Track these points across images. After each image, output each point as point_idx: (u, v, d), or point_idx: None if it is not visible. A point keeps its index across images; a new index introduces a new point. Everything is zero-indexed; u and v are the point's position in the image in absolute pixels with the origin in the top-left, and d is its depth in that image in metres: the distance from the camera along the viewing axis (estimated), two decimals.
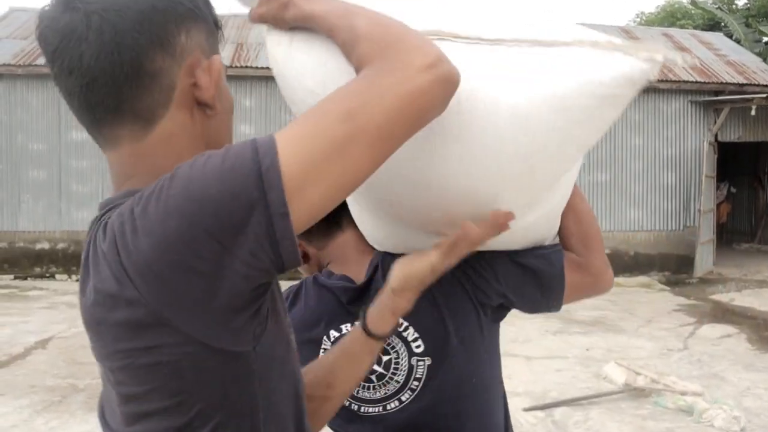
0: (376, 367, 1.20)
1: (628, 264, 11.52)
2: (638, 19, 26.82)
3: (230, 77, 11.28)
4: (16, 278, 10.63)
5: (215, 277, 0.66)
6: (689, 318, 8.36)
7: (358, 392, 1.22)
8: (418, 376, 1.21)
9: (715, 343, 7.07)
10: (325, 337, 1.22)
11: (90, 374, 5.55)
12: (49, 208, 10.88)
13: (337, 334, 1.21)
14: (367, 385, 1.22)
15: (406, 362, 1.21)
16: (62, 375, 5.70)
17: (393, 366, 1.21)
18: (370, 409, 1.23)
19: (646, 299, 9.76)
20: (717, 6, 20.89)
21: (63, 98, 0.78)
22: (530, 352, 6.59)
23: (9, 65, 11.03)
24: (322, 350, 1.21)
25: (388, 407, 1.22)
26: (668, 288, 10.75)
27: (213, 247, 0.65)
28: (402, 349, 1.21)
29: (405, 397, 1.21)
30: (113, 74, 0.73)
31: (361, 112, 0.68)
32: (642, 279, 11.34)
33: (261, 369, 0.74)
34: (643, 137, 11.76)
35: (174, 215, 0.65)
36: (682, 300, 9.68)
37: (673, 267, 11.56)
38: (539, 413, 4.90)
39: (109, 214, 0.74)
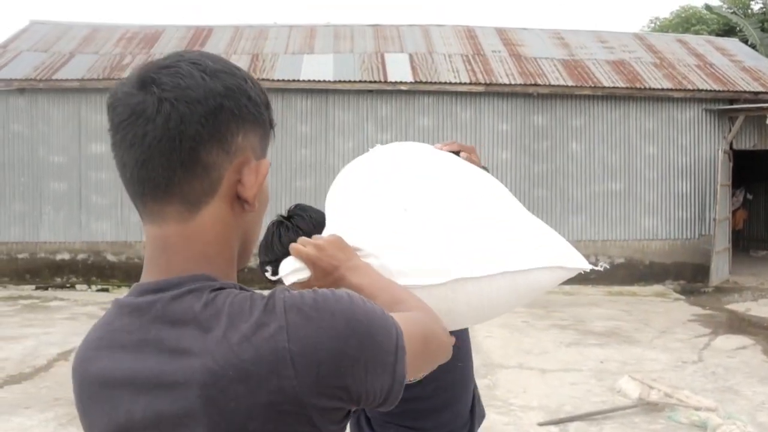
0: None
1: (643, 273, 11.50)
2: (652, 25, 26.68)
3: None
4: (37, 288, 10.83)
5: (355, 387, 0.81)
6: (704, 329, 8.34)
7: None
8: None
9: (731, 354, 7.06)
10: None
11: None
12: (70, 219, 11.08)
13: None
14: None
15: None
16: None
17: None
18: None
19: (661, 309, 9.74)
20: (732, 11, 20.79)
21: (116, 166, 0.84)
22: (545, 365, 6.62)
23: (30, 80, 11.25)
24: None
25: None
26: (683, 297, 10.72)
27: (361, 373, 0.81)
28: None
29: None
30: (170, 158, 0.79)
31: (430, 338, 0.96)
32: (657, 288, 11.32)
33: None
34: (658, 146, 11.75)
35: (354, 336, 0.80)
36: (698, 309, 9.66)
37: (688, 276, 11.53)
38: (553, 428, 4.94)
39: (199, 295, 0.80)
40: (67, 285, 10.95)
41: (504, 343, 7.48)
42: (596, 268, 1.35)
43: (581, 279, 11.35)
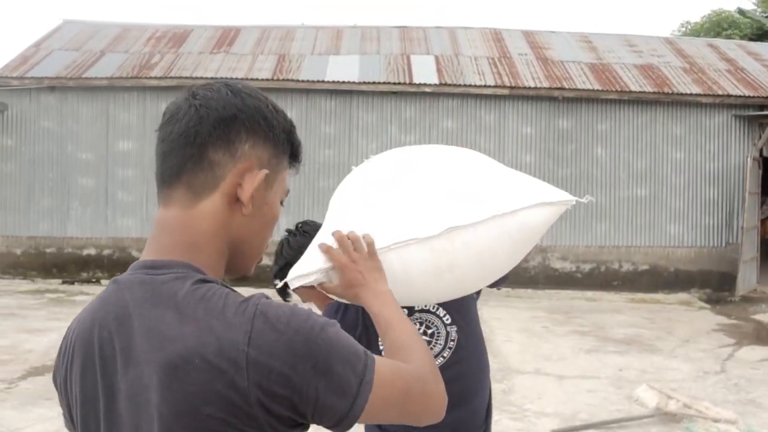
0: (440, 339, 1.83)
1: (667, 280, 11.33)
2: (683, 29, 26.25)
3: (271, 90, 11.51)
4: (64, 282, 11.04)
5: (301, 403, 0.87)
6: (729, 339, 8.19)
7: None
8: (452, 338, 1.84)
9: (755, 366, 6.91)
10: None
11: None
12: (96, 215, 11.28)
13: None
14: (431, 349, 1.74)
15: (444, 330, 1.84)
16: None
17: (436, 335, 1.83)
18: None
19: (685, 318, 9.58)
20: (765, 15, 20.35)
21: (156, 157, 0.99)
22: (562, 371, 6.55)
23: (61, 78, 11.48)
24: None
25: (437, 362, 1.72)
26: (709, 306, 10.53)
27: (309, 392, 0.86)
28: (438, 322, 1.84)
29: (446, 353, 1.82)
30: (184, 151, 0.94)
31: (414, 394, 0.99)
32: (682, 296, 11.13)
33: None
34: (685, 151, 11.56)
35: (309, 358, 0.86)
36: (723, 319, 9.48)
37: (714, 284, 11.32)
38: None
39: (182, 283, 0.89)
40: (93, 280, 11.14)
41: (522, 348, 7.43)
42: (581, 200, 1.41)
43: (604, 285, 11.23)
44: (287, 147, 1.02)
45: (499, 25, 15.83)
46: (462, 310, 1.87)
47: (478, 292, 1.82)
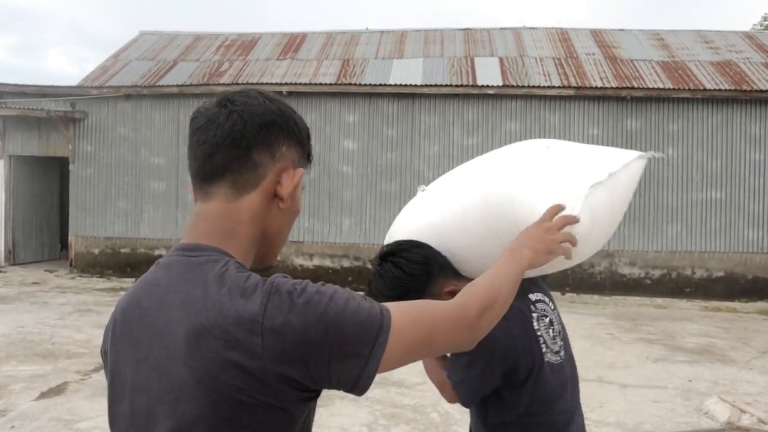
0: (556, 325, 1.80)
1: (744, 288, 10.77)
2: (766, 23, 24.98)
3: (335, 94, 11.67)
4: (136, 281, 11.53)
5: (316, 368, 0.94)
6: None
7: (550, 345, 1.75)
8: (562, 337, 1.84)
9: None
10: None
11: None
12: (167, 217, 11.72)
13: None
14: (554, 337, 1.77)
15: (560, 325, 1.84)
16: None
17: (559, 325, 1.83)
18: (554, 359, 1.74)
19: (764, 327, 9.06)
20: None
21: (188, 160, 1.07)
22: (627, 380, 6.32)
23: (136, 86, 12.00)
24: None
25: (561, 357, 1.77)
26: None
27: (323, 357, 0.93)
28: (556, 316, 1.84)
29: (563, 352, 1.80)
30: (230, 153, 1.04)
31: (434, 333, 1.05)
32: (761, 305, 10.55)
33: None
34: (764, 152, 10.97)
35: (320, 325, 0.93)
36: None
37: None
38: None
39: (213, 265, 0.99)
40: None
41: (585, 355, 7.21)
42: (655, 155, 1.73)
43: (675, 292, 10.78)
44: (308, 148, 1.13)
45: (567, 25, 15.50)
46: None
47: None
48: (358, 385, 0.96)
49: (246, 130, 1.03)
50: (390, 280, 1.70)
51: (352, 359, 0.94)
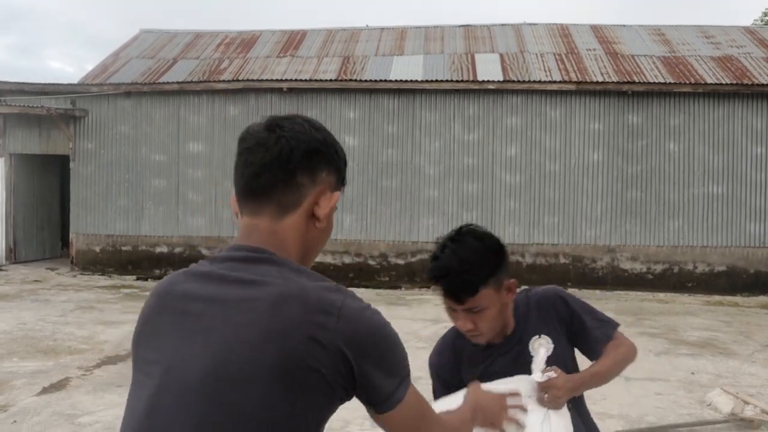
0: None
1: (746, 282, 10.76)
2: (767, 18, 24.93)
3: (335, 90, 11.66)
4: (138, 279, 11.52)
5: (366, 367, 1.08)
6: None
7: None
8: None
9: None
10: None
11: None
12: (168, 214, 11.71)
13: None
14: None
15: None
16: None
17: None
18: None
19: (766, 322, 9.04)
20: None
21: (234, 177, 1.17)
22: (629, 373, 6.28)
23: (136, 84, 11.99)
24: None
25: None
26: None
27: (375, 362, 1.08)
28: None
29: None
30: (276, 175, 1.14)
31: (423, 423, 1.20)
32: (763, 299, 10.54)
33: None
34: (766, 146, 10.96)
35: (382, 335, 1.10)
36: None
37: None
38: None
39: (284, 262, 1.11)
40: (165, 276, 11.57)
41: None
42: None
43: (677, 287, 10.77)
44: (344, 174, 1.25)
45: (567, 21, 15.47)
46: None
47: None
48: (388, 401, 1.11)
49: (293, 155, 1.14)
50: (468, 250, 1.72)
51: (390, 378, 1.10)
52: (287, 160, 1.14)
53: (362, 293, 1.54)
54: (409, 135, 11.53)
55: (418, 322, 8.44)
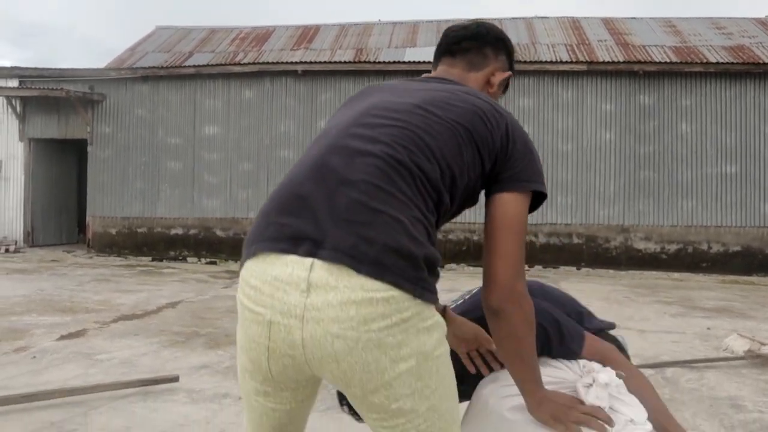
0: None
1: (762, 262, 10.69)
2: None
3: (349, 73, 11.78)
4: (153, 260, 11.61)
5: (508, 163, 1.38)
6: None
7: None
8: None
9: None
10: None
11: (211, 325, 6.00)
12: (183, 196, 11.83)
13: None
14: None
15: None
16: (187, 325, 6.18)
17: None
18: None
19: None
20: None
21: (438, 47, 1.59)
22: (646, 328, 6.30)
23: (153, 68, 12.18)
24: None
25: None
26: None
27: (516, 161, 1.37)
28: None
29: None
30: (472, 43, 1.56)
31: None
32: None
33: None
34: None
35: (529, 149, 1.39)
36: None
37: None
38: (649, 370, 4.69)
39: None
40: (180, 257, 11.66)
41: (601, 312, 7.15)
42: None
43: (691, 267, 10.71)
44: (512, 65, 1.62)
45: (579, 15, 15.57)
46: None
47: None
48: (517, 183, 1.32)
49: (488, 36, 1.56)
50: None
51: (528, 173, 1.34)
52: (483, 36, 1.55)
53: None
54: None
55: None
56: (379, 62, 11.86)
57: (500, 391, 1.52)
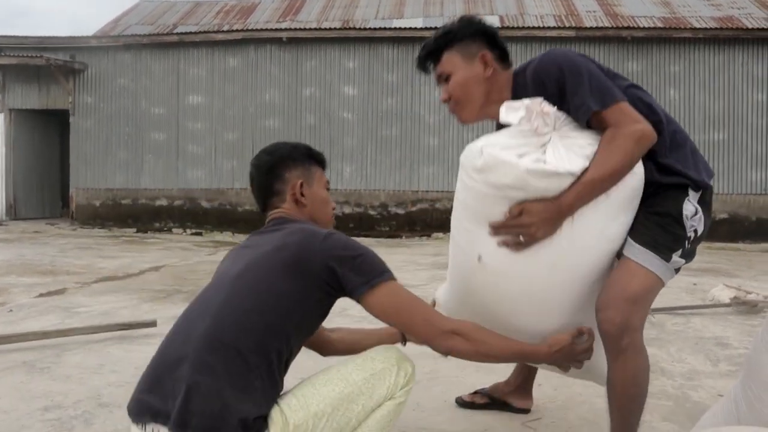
0: None
1: (748, 230, 10.71)
2: None
3: (335, 40, 11.62)
4: (138, 231, 11.48)
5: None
6: None
7: None
8: None
9: None
10: None
11: (193, 284, 5.91)
12: (168, 167, 11.68)
13: None
14: None
15: None
16: (168, 284, 6.10)
17: None
18: None
19: None
20: None
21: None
22: None
23: (135, 35, 11.96)
24: None
25: None
26: None
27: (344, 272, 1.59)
28: None
29: None
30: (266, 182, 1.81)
31: (414, 319, 1.63)
32: (765, 246, 10.48)
33: None
34: (767, 93, 10.91)
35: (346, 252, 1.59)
36: None
37: None
38: None
39: (293, 226, 1.67)
40: (165, 229, 11.53)
41: None
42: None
43: None
44: (311, 160, 1.90)
45: None
46: None
47: None
48: (354, 293, 1.54)
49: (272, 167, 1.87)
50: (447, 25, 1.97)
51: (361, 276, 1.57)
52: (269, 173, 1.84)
53: (362, 242, 1.74)
54: (408, 84, 11.50)
55: (417, 256, 8.41)
56: (366, 29, 11.71)
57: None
